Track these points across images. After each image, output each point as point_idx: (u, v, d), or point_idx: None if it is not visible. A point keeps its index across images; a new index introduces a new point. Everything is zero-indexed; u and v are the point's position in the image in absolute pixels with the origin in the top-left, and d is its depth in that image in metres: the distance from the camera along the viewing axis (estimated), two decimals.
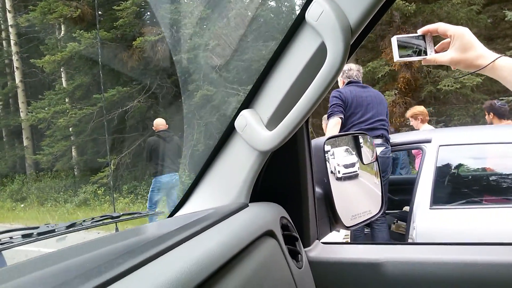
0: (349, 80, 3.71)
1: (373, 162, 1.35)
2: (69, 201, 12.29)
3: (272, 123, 0.91)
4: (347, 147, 1.36)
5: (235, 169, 0.98)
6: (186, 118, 10.80)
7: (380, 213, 1.34)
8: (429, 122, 5.32)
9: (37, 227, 0.88)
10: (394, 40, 1.10)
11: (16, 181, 14.45)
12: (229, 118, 1.00)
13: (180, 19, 11.36)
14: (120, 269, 0.51)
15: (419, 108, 5.11)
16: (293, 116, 0.84)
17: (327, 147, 1.21)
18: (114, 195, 11.46)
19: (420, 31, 1.10)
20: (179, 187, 6.36)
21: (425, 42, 1.10)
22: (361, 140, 1.30)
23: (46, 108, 12.93)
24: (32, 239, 0.85)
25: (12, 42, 15.88)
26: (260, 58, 10.39)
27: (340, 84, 3.81)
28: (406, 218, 3.45)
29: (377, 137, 3.50)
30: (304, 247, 1.03)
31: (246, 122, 0.93)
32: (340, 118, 3.47)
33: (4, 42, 17.36)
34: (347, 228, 1.23)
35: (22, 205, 12.94)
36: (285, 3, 14.92)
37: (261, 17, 11.91)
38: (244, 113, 0.94)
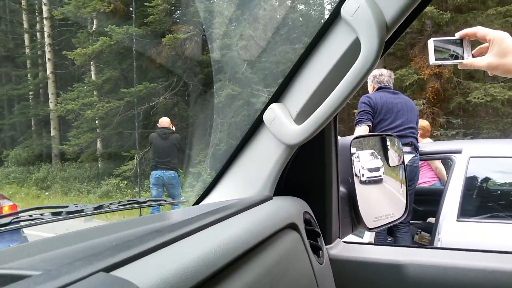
0: (379, 85, 3.66)
1: (399, 165, 1.34)
2: (92, 192, 12.55)
3: (300, 117, 0.92)
4: (373, 150, 1.35)
5: (261, 162, 0.99)
6: (209, 116, 10.89)
7: (404, 217, 1.32)
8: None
9: (67, 206, 0.91)
10: (430, 42, 1.09)
11: (42, 170, 14.86)
12: (256, 113, 1.01)
13: (209, 18, 11.47)
14: (149, 245, 0.53)
15: (421, 123, 5.04)
16: (322, 111, 0.85)
17: (353, 149, 1.21)
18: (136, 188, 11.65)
19: (457, 35, 1.09)
20: (175, 185, 6.54)
21: (462, 46, 1.08)
22: (388, 142, 1.29)
23: (75, 100, 13.21)
24: (61, 217, 0.88)
25: (45, 34, 16.35)
26: (286, 61, 10.39)
27: (370, 89, 3.77)
28: (430, 229, 3.39)
29: (406, 144, 3.45)
30: (325, 245, 1.03)
31: (274, 116, 0.94)
32: (368, 126, 3.43)
33: (38, 34, 17.90)
34: (369, 230, 1.22)
35: (47, 193, 13.29)
36: (318, 1, 14.88)
37: (291, 17, 11.91)
38: (273, 106, 0.95)
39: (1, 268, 0.49)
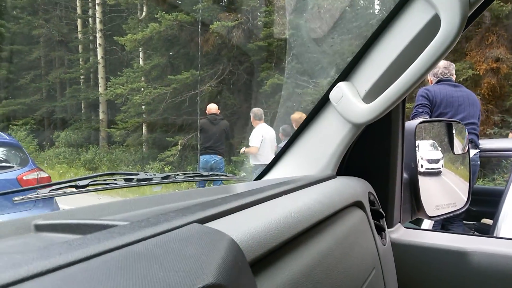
0: (439, 78, 3.54)
1: (464, 154, 1.31)
2: None
3: (369, 96, 0.92)
4: (434, 141, 1.33)
5: (326, 141, 1.00)
6: (254, 105, 10.92)
7: (465, 208, 1.30)
8: None
9: (137, 174, 0.96)
10: None
11: (90, 152, 15.51)
12: (322, 91, 1.02)
13: (257, 6, 11.44)
14: (234, 204, 0.56)
15: None
16: (393, 90, 0.85)
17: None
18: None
19: None
20: (221, 169, 6.68)
21: None
22: (454, 129, 1.27)
23: (123, 85, 13.65)
24: (133, 183, 0.94)
25: (97, 20, 16.97)
26: (340, 53, 10.17)
27: (430, 82, 3.65)
28: (483, 230, 3.27)
29: None
30: (387, 228, 1.03)
31: (342, 94, 0.95)
32: None
33: (90, 19, 18.59)
34: (429, 217, 1.21)
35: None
36: None
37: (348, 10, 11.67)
38: (341, 85, 0.95)
39: (94, 219, 0.52)
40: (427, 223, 2.72)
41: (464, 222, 3.73)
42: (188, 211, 0.50)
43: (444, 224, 3.40)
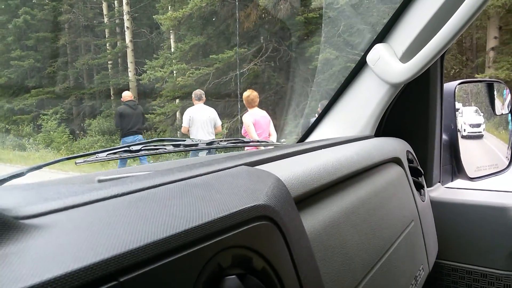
0: None
1: (507, 114, 1.35)
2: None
3: (406, 56, 0.98)
4: (477, 108, 1.37)
5: (364, 103, 1.07)
6: (299, 84, 10.65)
7: (508, 170, 1.34)
8: None
9: (184, 140, 1.07)
10: None
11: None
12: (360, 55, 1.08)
13: None
14: (278, 153, 0.65)
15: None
16: (430, 47, 0.91)
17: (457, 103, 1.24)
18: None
19: None
20: None
21: None
22: (495, 89, 1.30)
23: (163, 67, 13.34)
24: (181, 149, 1.04)
25: (124, 2, 16.99)
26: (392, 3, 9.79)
27: None
28: None
29: None
30: (426, 187, 1.10)
31: (379, 56, 1.01)
32: None
33: (116, 2, 18.80)
34: (470, 179, 1.26)
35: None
36: None
37: None
38: (378, 46, 1.02)
39: (140, 171, 0.60)
40: None
41: None
42: (237, 157, 0.59)
43: None
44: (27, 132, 18.06)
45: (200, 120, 6.41)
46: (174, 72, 13.40)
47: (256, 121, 5.40)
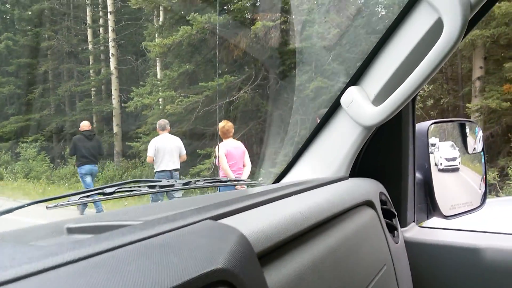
0: None
1: (479, 153, 1.38)
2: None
3: (378, 99, 1.01)
4: (453, 143, 1.41)
5: (338, 144, 1.10)
6: (292, 112, 10.65)
7: (481, 207, 1.36)
8: None
9: (160, 181, 1.07)
10: None
11: (109, 168, 15.32)
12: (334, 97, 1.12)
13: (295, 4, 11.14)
14: (246, 203, 0.66)
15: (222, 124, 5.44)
16: (401, 92, 0.94)
17: (431, 139, 1.28)
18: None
19: None
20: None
21: None
22: (467, 128, 1.34)
23: (151, 94, 13.18)
24: (155, 190, 1.05)
25: (110, 29, 16.92)
26: (365, 44, 10.00)
27: None
28: None
29: None
30: (400, 227, 1.11)
31: (352, 98, 1.04)
32: None
33: (101, 29, 18.83)
34: (445, 217, 1.28)
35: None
36: None
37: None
38: (351, 89, 1.05)
39: (120, 221, 0.59)
40: None
41: None
42: (202, 209, 0.60)
43: None
44: (4, 160, 17.72)
45: (165, 149, 6.52)
46: (160, 99, 13.35)
47: (228, 152, 5.43)
